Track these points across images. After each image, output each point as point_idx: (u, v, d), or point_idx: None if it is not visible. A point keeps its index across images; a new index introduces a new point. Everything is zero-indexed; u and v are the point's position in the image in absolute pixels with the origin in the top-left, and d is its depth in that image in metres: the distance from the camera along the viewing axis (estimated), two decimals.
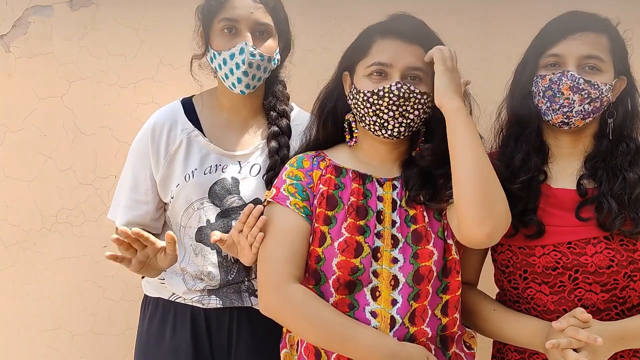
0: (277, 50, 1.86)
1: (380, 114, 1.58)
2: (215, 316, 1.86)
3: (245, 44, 1.76)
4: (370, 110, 1.59)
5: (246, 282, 1.87)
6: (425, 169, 1.63)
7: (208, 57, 1.85)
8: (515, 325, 1.66)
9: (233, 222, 1.81)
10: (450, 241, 1.62)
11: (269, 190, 1.70)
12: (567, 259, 1.62)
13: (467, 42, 2.40)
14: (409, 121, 1.59)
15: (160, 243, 1.67)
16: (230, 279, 1.85)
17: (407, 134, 1.62)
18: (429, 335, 1.57)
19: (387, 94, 1.56)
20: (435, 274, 1.58)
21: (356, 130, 1.68)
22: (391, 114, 1.57)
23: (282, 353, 1.69)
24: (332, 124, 1.71)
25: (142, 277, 1.96)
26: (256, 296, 1.87)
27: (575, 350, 1.51)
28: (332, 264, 1.57)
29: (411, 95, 1.56)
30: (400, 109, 1.57)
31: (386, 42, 1.60)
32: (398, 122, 1.58)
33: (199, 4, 1.86)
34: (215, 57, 1.81)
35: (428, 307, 1.58)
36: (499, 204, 1.51)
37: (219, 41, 1.79)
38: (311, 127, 1.76)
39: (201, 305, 1.86)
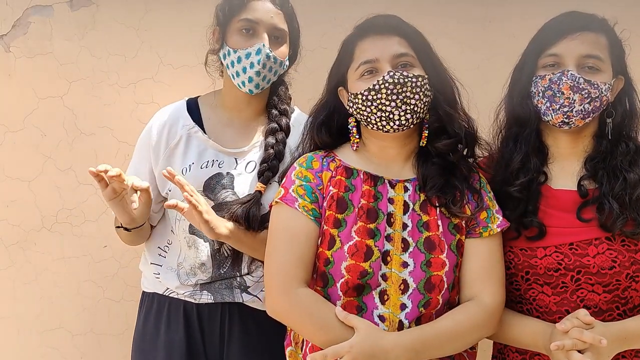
0: (287, 56, 1.91)
1: (383, 107, 1.58)
2: (208, 311, 1.88)
3: (263, 45, 1.81)
4: (372, 106, 1.59)
5: (238, 278, 1.89)
6: (443, 167, 1.64)
7: (221, 54, 1.89)
8: (517, 326, 1.65)
9: (225, 216, 1.82)
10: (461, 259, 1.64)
11: (260, 183, 1.72)
12: (569, 260, 1.62)
13: (468, 42, 2.40)
14: (412, 107, 1.58)
15: (131, 182, 1.71)
16: (222, 272, 1.88)
17: (414, 121, 1.61)
18: None
19: (383, 85, 1.57)
20: (446, 285, 1.58)
21: (357, 137, 1.68)
22: (393, 104, 1.57)
23: (287, 351, 1.69)
24: (326, 133, 1.72)
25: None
26: (248, 292, 1.89)
27: (579, 351, 1.51)
28: (341, 268, 1.56)
29: (407, 80, 1.57)
30: (400, 96, 1.57)
31: (366, 41, 1.63)
32: (402, 110, 1.58)
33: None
34: (229, 54, 1.84)
35: (435, 316, 1.58)
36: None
37: (236, 39, 1.84)
38: (304, 140, 1.76)
39: (193, 300, 1.88)
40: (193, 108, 1.95)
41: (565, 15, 1.70)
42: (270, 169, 1.84)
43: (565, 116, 1.64)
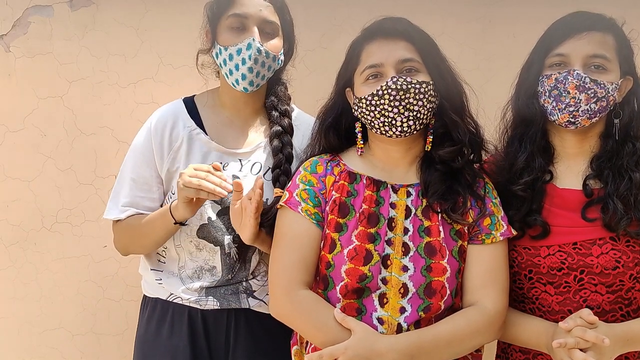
0: (282, 50, 1.87)
1: (386, 113, 1.58)
2: (213, 317, 1.86)
3: (253, 39, 1.78)
4: (376, 111, 1.59)
5: (244, 283, 1.87)
6: (446, 173, 1.64)
7: (213, 53, 1.87)
8: (520, 325, 1.66)
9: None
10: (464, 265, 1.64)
11: (278, 188, 1.73)
12: (572, 260, 1.62)
13: (467, 42, 2.40)
14: (415, 113, 1.58)
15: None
16: (231, 277, 1.86)
17: (418, 127, 1.61)
18: None
19: (386, 91, 1.57)
20: (448, 292, 1.59)
21: (362, 142, 1.69)
22: (396, 110, 1.57)
23: (293, 349, 1.71)
24: (334, 135, 1.72)
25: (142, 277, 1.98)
26: (254, 297, 1.88)
27: (581, 350, 1.51)
28: (341, 271, 1.58)
29: (410, 86, 1.57)
30: (403, 103, 1.57)
31: (372, 45, 1.63)
32: (405, 117, 1.58)
33: (203, 2, 1.87)
34: (220, 53, 1.82)
35: (435, 321, 1.59)
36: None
37: (227, 36, 1.81)
38: (313, 143, 1.76)
39: (198, 306, 1.86)
40: (191, 108, 1.92)
41: (573, 15, 1.69)
42: (284, 173, 1.82)
43: (571, 116, 1.63)
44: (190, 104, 1.93)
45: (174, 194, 1.86)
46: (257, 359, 1.87)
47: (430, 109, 1.61)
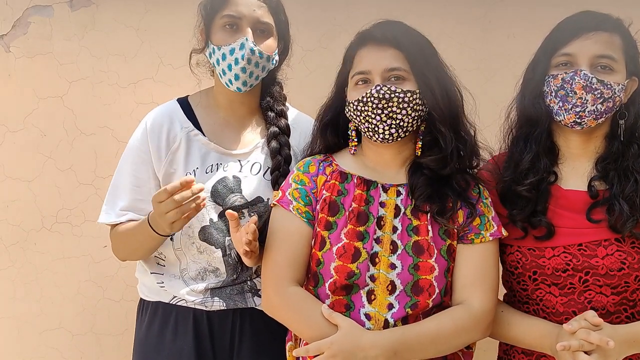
0: (276, 51, 1.87)
1: (370, 119, 1.61)
2: (219, 318, 1.86)
3: (246, 39, 1.77)
4: (361, 117, 1.62)
5: (248, 282, 1.88)
6: (433, 178, 1.64)
7: (207, 53, 1.86)
8: (524, 327, 1.66)
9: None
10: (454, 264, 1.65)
11: (277, 191, 1.73)
12: (577, 261, 1.62)
13: (467, 42, 2.40)
14: (398, 121, 1.60)
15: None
16: (235, 277, 1.86)
17: (402, 135, 1.63)
18: None
19: (369, 99, 1.59)
20: (437, 290, 1.60)
21: (355, 140, 1.71)
22: (378, 117, 1.59)
23: (288, 345, 1.73)
24: (332, 134, 1.74)
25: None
26: (259, 296, 1.88)
27: (586, 352, 1.51)
28: (330, 268, 1.61)
29: (393, 96, 1.58)
30: (385, 111, 1.58)
31: (363, 50, 1.64)
32: (387, 125, 1.60)
33: (201, 1, 1.87)
34: (214, 52, 1.82)
35: (422, 318, 1.60)
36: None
37: (220, 36, 1.81)
38: (313, 142, 1.78)
39: (204, 308, 1.85)
40: (187, 108, 1.91)
41: (580, 15, 1.68)
42: (283, 175, 1.82)
43: (578, 116, 1.62)
44: (185, 105, 1.92)
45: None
46: (261, 355, 1.87)
47: (415, 117, 1.62)
